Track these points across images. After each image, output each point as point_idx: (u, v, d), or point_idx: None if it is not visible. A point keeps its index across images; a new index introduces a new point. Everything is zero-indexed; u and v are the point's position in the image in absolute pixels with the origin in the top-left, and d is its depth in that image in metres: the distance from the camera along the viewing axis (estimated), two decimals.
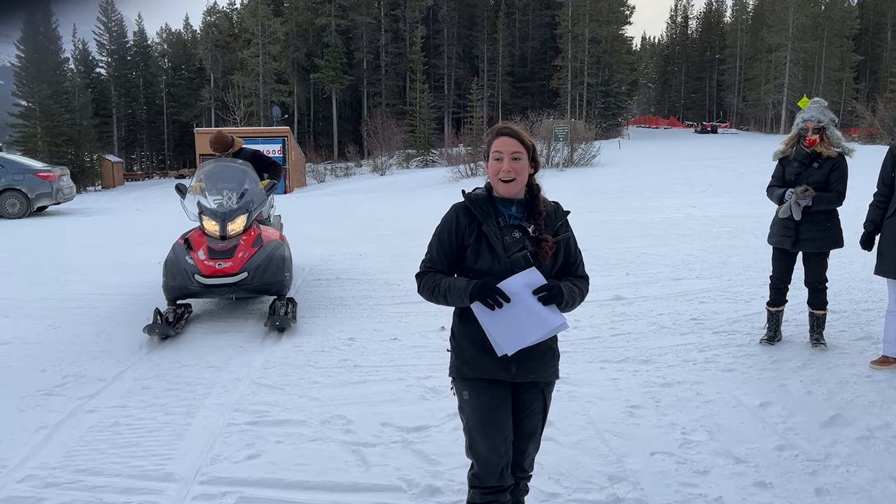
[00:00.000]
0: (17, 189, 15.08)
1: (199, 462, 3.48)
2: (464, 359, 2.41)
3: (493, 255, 2.35)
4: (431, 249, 2.44)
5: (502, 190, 2.37)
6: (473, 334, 2.36)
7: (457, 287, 2.32)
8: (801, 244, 4.83)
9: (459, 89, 52.99)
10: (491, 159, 2.38)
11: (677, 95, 72.08)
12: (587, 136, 24.57)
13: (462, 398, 2.44)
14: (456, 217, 2.40)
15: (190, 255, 5.78)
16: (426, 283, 2.40)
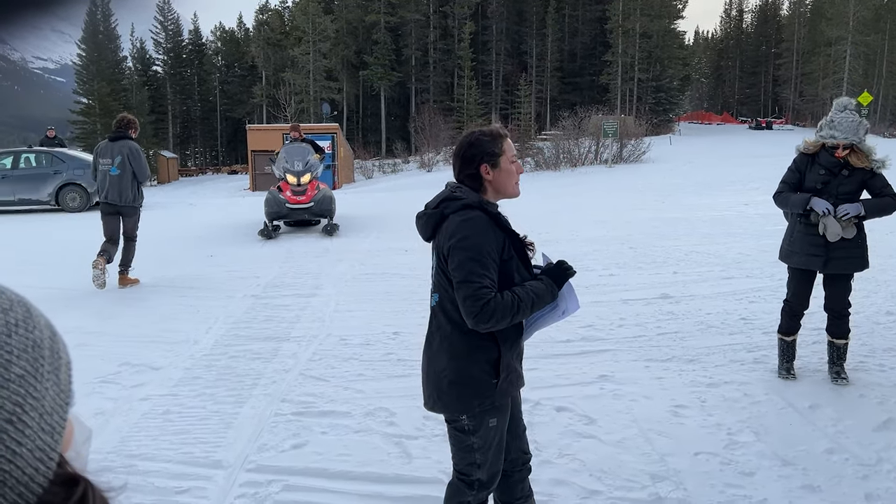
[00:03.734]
0: (77, 184, 15.61)
1: (246, 450, 3.58)
2: (511, 381, 2.30)
3: (526, 266, 2.31)
4: (486, 271, 2.14)
5: (517, 192, 2.34)
6: (515, 351, 2.33)
7: (541, 288, 2.20)
8: (833, 264, 4.13)
9: (507, 85, 52.80)
10: (508, 163, 2.29)
11: (731, 91, 70.42)
12: (637, 133, 24.23)
13: (487, 426, 2.30)
14: (491, 229, 2.21)
15: (281, 194, 10.35)
16: (502, 306, 2.12)
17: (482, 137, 2.29)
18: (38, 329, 0.53)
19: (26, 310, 0.53)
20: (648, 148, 23.05)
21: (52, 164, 15.74)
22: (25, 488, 0.48)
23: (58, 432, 0.52)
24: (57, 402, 0.52)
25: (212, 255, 9.09)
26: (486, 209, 2.23)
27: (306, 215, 10.57)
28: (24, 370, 0.49)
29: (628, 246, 8.57)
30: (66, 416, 0.54)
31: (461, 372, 2.26)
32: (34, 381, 0.50)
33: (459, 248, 2.17)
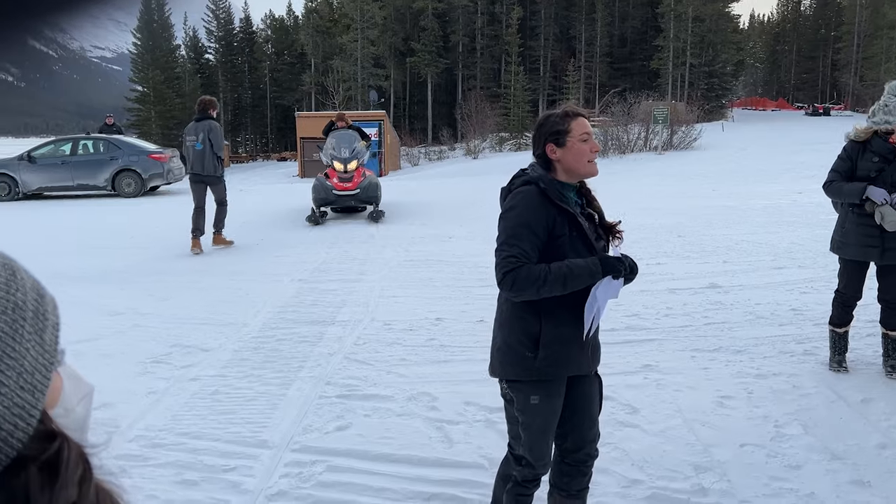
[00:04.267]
0: (132, 170, 16.05)
1: (291, 431, 3.66)
2: (550, 361, 2.29)
3: (587, 247, 2.28)
4: (520, 242, 2.20)
5: (592, 170, 2.33)
6: (564, 332, 2.29)
7: (580, 267, 2.18)
8: (889, 255, 3.98)
9: (555, 71, 52.19)
10: (576, 141, 2.28)
11: (787, 76, 68.30)
12: (688, 119, 23.71)
13: (528, 402, 2.32)
14: (541, 205, 2.25)
15: (329, 181, 10.50)
16: (527, 276, 2.15)
17: (551, 117, 2.34)
18: (22, 291, 0.55)
19: (11, 273, 0.56)
20: (700, 135, 22.55)
21: (109, 151, 16.20)
22: (3, 443, 0.50)
23: (39, 390, 0.54)
24: (39, 361, 0.55)
25: (261, 240, 9.26)
26: (539, 185, 2.27)
27: (352, 202, 10.71)
28: (0, 331, 0.52)
29: (677, 234, 8.43)
30: (50, 376, 0.56)
31: (504, 340, 2.35)
32: (12, 342, 0.52)
33: (503, 217, 2.30)
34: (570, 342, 2.30)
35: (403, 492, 3.07)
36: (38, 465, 0.52)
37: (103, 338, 5.21)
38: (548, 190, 2.26)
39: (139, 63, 46.44)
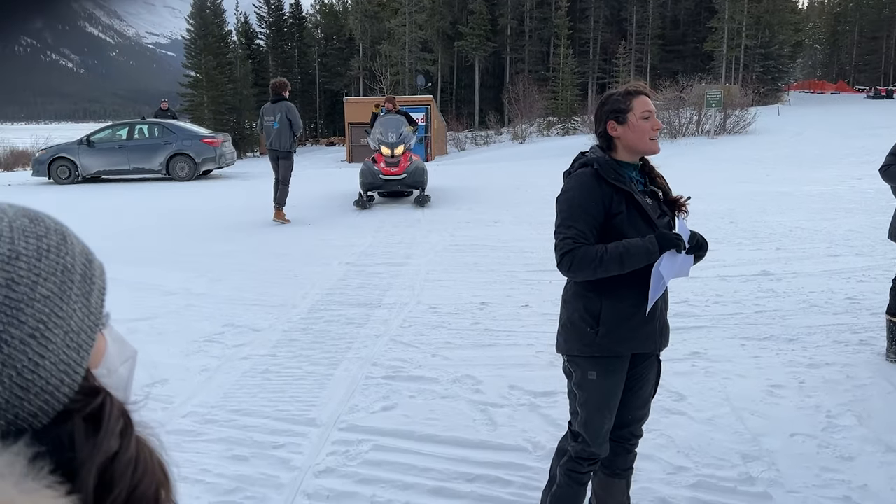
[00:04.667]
0: (185, 154, 16.43)
1: (339, 410, 3.73)
2: (611, 337, 2.29)
3: (647, 224, 2.28)
4: (577, 223, 2.22)
5: (653, 148, 2.33)
6: (626, 310, 2.30)
7: (636, 246, 2.18)
8: None
9: (605, 54, 51.33)
10: (637, 119, 2.28)
11: (848, 57, 65.83)
12: (742, 103, 23.08)
13: (585, 377, 2.35)
14: (596, 185, 2.26)
15: (376, 165, 10.52)
16: (583, 256, 2.17)
17: (613, 95, 2.36)
18: (71, 255, 0.58)
19: (61, 237, 0.59)
20: (754, 118, 21.95)
21: (164, 136, 16.60)
22: (51, 396, 0.54)
23: (84, 349, 0.57)
24: (85, 322, 0.58)
25: (309, 224, 9.40)
26: (593, 166, 2.29)
27: (399, 186, 10.76)
28: (50, 291, 0.55)
29: (728, 220, 8.25)
30: (94, 337, 0.59)
31: (568, 316, 2.39)
32: (60, 303, 0.55)
33: (558, 200, 2.34)
34: (632, 320, 2.30)
35: (448, 472, 3.10)
36: (83, 416, 0.55)
37: (158, 317, 5.38)
38: (601, 170, 2.27)
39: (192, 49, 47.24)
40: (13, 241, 0.55)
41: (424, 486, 3.01)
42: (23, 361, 0.52)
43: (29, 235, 0.56)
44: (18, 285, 0.53)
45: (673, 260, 2.22)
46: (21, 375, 0.52)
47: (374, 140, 10.91)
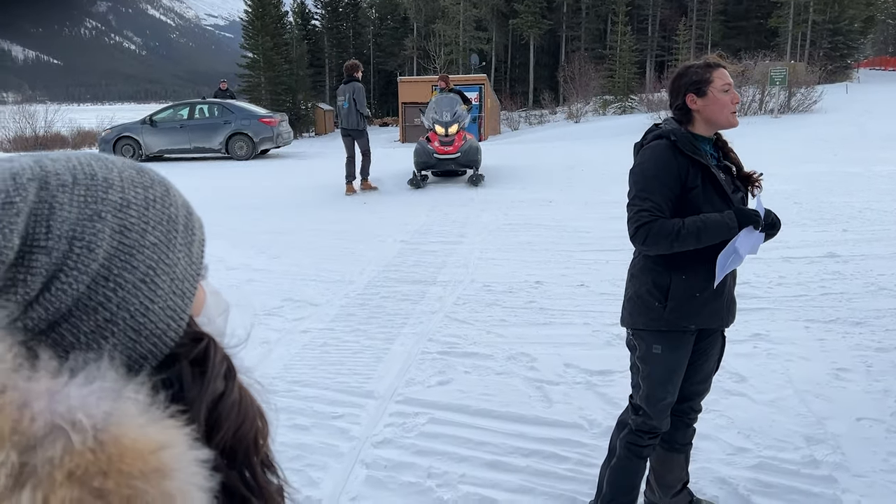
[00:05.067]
0: (244, 133, 16.73)
1: (395, 383, 3.78)
2: (679, 312, 2.27)
3: (722, 198, 2.25)
4: (652, 195, 2.19)
5: (732, 121, 2.28)
6: (695, 284, 2.27)
7: (714, 221, 2.15)
8: None
9: (665, 31, 50.02)
10: (717, 91, 2.25)
11: None
12: (808, 80, 22.22)
13: (650, 351, 2.34)
14: (672, 157, 2.22)
15: (430, 145, 10.56)
16: (660, 230, 2.15)
17: (691, 68, 2.31)
18: (175, 207, 0.61)
19: (165, 189, 0.61)
20: (820, 97, 21.13)
21: (223, 115, 16.93)
22: (159, 340, 0.56)
23: (188, 297, 0.60)
24: (188, 271, 0.60)
25: (365, 203, 9.50)
26: (670, 138, 2.24)
27: (453, 165, 10.74)
28: (157, 239, 0.57)
29: (793, 201, 8.00)
30: (196, 285, 0.61)
31: (636, 291, 2.37)
32: (166, 250, 0.58)
33: (633, 172, 2.29)
34: (701, 295, 2.28)
35: (503, 447, 3.13)
36: (189, 360, 0.58)
37: (221, 291, 5.52)
38: (679, 142, 2.23)
39: (249, 30, 47.88)
40: (124, 190, 0.57)
41: (481, 460, 3.03)
42: (135, 305, 0.54)
43: (137, 185, 0.58)
44: (131, 232, 0.55)
45: (749, 237, 2.18)
46: (133, 318, 0.54)
47: (428, 119, 10.92)
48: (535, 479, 2.89)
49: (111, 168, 0.57)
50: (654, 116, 22.18)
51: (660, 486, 2.63)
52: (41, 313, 0.50)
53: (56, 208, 0.52)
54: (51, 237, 0.51)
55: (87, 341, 0.52)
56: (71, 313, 0.52)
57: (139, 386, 0.49)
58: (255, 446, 0.62)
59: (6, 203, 0.50)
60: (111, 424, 0.45)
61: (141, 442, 0.45)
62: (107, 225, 0.54)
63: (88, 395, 0.46)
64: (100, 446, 0.43)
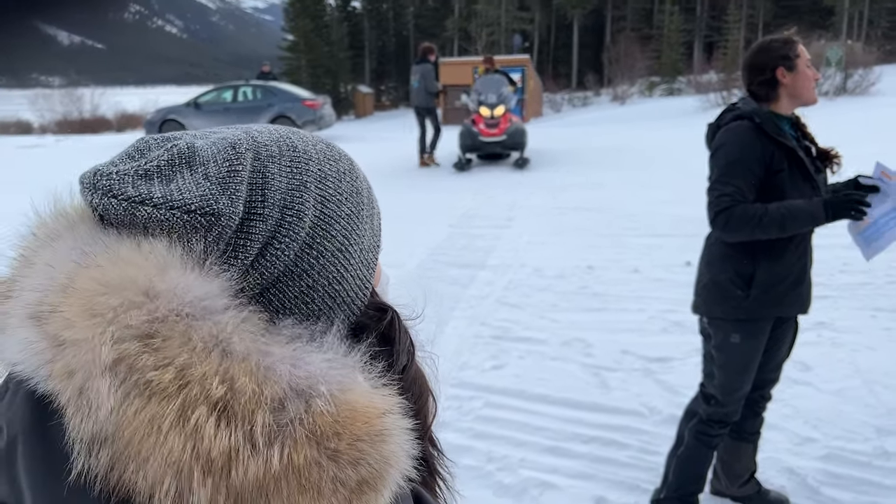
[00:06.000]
0: (287, 116, 16.83)
1: (449, 367, 3.77)
2: (763, 300, 2.21)
3: (808, 181, 2.18)
4: (734, 179, 2.11)
5: (815, 97, 2.21)
6: (780, 272, 2.21)
7: (801, 209, 2.07)
8: None
9: (714, 10, 48.76)
10: (802, 67, 2.17)
11: None
12: (866, 61, 21.46)
13: (728, 340, 2.27)
14: (757, 140, 2.14)
15: (475, 127, 10.44)
16: (741, 216, 2.07)
17: (773, 43, 2.23)
18: (360, 180, 0.63)
19: (350, 162, 0.63)
20: (878, 79, 20.42)
21: (266, 98, 17.07)
22: (349, 308, 0.59)
23: (372, 267, 0.62)
24: (372, 242, 0.62)
25: (411, 186, 9.49)
26: (754, 119, 2.15)
27: (498, 148, 10.65)
28: (350, 210, 0.59)
29: None
30: (377, 257, 0.64)
31: (713, 278, 2.29)
32: (358, 222, 0.60)
33: (715, 156, 2.21)
34: (785, 282, 2.22)
35: (562, 432, 3.10)
36: (378, 331, 0.60)
37: None
38: (764, 124, 2.14)
39: (290, 12, 48.11)
40: (321, 163, 0.59)
41: (539, 445, 3.01)
42: (332, 273, 0.57)
43: (330, 159, 0.60)
44: (329, 202, 0.58)
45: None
46: (331, 285, 0.57)
47: (473, 101, 10.80)
48: (596, 465, 2.86)
49: (307, 141, 0.60)
50: (702, 99, 21.72)
51: (727, 475, 2.58)
52: (257, 278, 0.53)
53: (269, 178, 0.55)
54: (266, 205, 0.53)
55: (291, 306, 0.55)
56: (279, 279, 0.54)
57: (362, 355, 0.52)
58: (427, 422, 0.65)
59: (231, 171, 0.52)
60: (345, 390, 0.48)
61: (369, 407, 0.48)
62: (310, 195, 0.56)
63: (323, 361, 0.49)
64: (336, 409, 0.46)
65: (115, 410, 0.43)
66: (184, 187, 0.50)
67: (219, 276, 0.50)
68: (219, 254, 0.51)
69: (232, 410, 0.44)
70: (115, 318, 0.45)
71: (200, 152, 0.53)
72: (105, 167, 0.52)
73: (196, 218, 0.49)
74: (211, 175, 0.51)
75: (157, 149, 0.53)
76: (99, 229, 0.51)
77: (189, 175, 0.51)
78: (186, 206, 0.49)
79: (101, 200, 0.50)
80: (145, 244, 0.49)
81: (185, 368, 0.44)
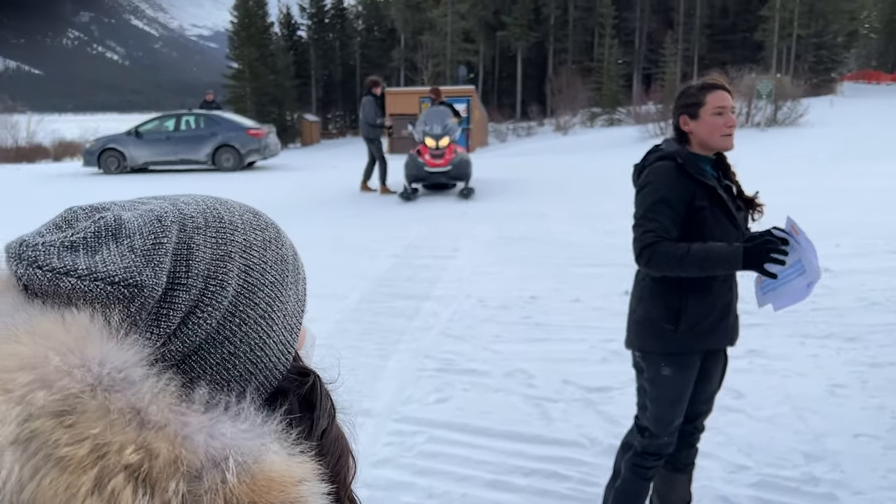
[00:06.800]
0: (231, 145, 16.64)
1: (393, 402, 3.76)
2: (691, 334, 2.28)
3: (729, 219, 2.27)
4: (659, 216, 2.19)
5: (726, 144, 2.30)
6: (706, 307, 2.29)
7: (719, 254, 2.12)
8: None
9: (651, 44, 50.46)
10: (710, 115, 2.26)
11: None
12: (794, 94, 22.48)
13: (659, 373, 2.34)
14: (679, 179, 2.24)
15: (420, 158, 10.57)
16: (664, 253, 2.15)
17: (688, 89, 2.35)
18: (286, 247, 0.65)
19: (277, 231, 0.66)
20: (806, 110, 21.38)
21: (209, 127, 16.83)
22: (270, 373, 0.60)
23: (295, 332, 0.63)
24: (296, 307, 0.64)
25: (354, 215, 9.47)
26: (676, 160, 2.25)
27: (444, 179, 10.75)
28: (274, 278, 0.61)
29: (784, 215, 8.06)
30: (302, 321, 0.65)
31: (644, 313, 2.36)
32: (281, 288, 0.61)
33: (640, 194, 2.31)
34: (712, 315, 2.30)
35: (504, 465, 3.11)
36: (299, 396, 0.61)
37: None
38: (685, 164, 2.25)
39: (235, 40, 47.82)
40: (246, 232, 0.61)
41: (481, 479, 3.02)
42: (255, 339, 0.58)
43: (255, 228, 0.63)
44: (253, 271, 0.59)
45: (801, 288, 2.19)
46: (252, 352, 0.58)
47: (418, 132, 10.91)
48: (536, 498, 2.87)
49: (233, 211, 0.63)
50: (641, 129, 22.35)
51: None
52: (178, 346, 0.54)
53: (193, 249, 0.56)
54: (190, 275, 0.55)
55: (211, 373, 0.56)
56: (201, 346, 0.56)
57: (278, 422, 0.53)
58: (346, 484, 0.64)
59: (156, 244, 0.54)
60: (259, 460, 0.48)
61: (285, 475, 0.49)
62: (235, 265, 0.58)
63: (241, 430, 0.50)
64: (252, 479, 0.47)
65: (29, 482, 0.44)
66: (108, 259, 0.52)
67: (139, 345, 0.51)
68: (140, 323, 0.52)
69: (150, 479, 0.45)
70: (25, 395, 0.46)
71: (127, 225, 0.54)
72: (31, 237, 0.53)
73: (119, 289, 0.51)
74: (136, 247, 0.53)
75: (84, 220, 0.55)
76: (23, 299, 0.51)
77: (115, 247, 0.53)
78: (110, 277, 0.51)
79: (27, 271, 0.51)
80: (68, 315, 0.50)
81: (101, 441, 0.45)
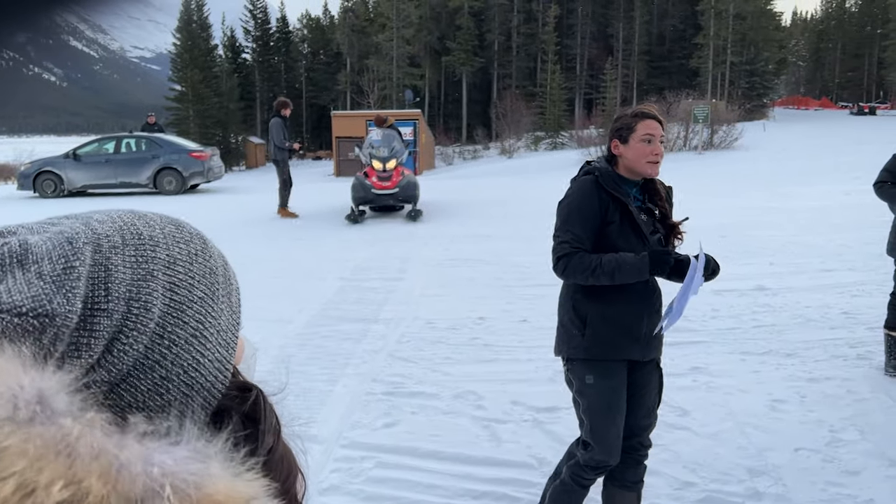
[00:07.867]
0: (173, 168, 16.30)
1: (340, 427, 3.69)
2: (597, 340, 2.37)
3: (637, 237, 2.36)
4: (573, 228, 2.33)
5: (650, 171, 2.41)
6: (612, 315, 2.37)
7: (629, 263, 2.26)
8: None
9: (592, 69, 51.73)
10: (637, 141, 2.38)
11: (831, 74, 66.73)
12: (729, 118, 23.32)
13: (584, 382, 2.41)
14: (594, 193, 2.36)
15: (368, 180, 10.53)
16: (578, 263, 2.28)
17: (622, 115, 2.47)
18: (213, 258, 0.61)
19: (203, 241, 0.62)
20: (741, 134, 22.18)
21: (151, 149, 16.48)
22: (209, 393, 0.56)
23: (231, 347, 0.60)
24: (230, 321, 0.61)
25: (300, 238, 9.36)
26: (605, 176, 2.38)
27: (391, 201, 10.72)
28: (203, 293, 0.57)
29: (719, 235, 8.29)
30: (238, 334, 0.62)
31: (560, 318, 2.50)
32: (212, 303, 0.58)
33: (560, 205, 2.46)
34: (618, 325, 2.38)
35: (453, 489, 3.08)
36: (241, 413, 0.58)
37: None
38: (601, 178, 2.38)
39: (178, 63, 47.15)
40: (168, 247, 0.57)
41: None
42: (188, 360, 0.55)
43: (179, 241, 0.59)
44: (180, 288, 0.56)
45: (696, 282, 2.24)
46: (186, 373, 0.55)
47: (365, 154, 10.89)
48: None
49: (153, 226, 0.58)
50: (583, 152, 22.78)
51: None
52: (104, 375, 0.51)
53: (112, 270, 0.52)
54: (110, 299, 0.51)
55: (144, 399, 0.53)
56: (129, 373, 0.52)
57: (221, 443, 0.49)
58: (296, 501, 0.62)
59: (67, 268, 0.50)
60: (202, 485, 0.45)
61: (232, 495, 0.46)
62: (158, 283, 0.54)
63: (179, 456, 0.46)
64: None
65: None
66: (14, 289, 0.48)
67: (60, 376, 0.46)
68: (59, 354, 0.48)
69: None
70: None
71: (34, 249, 0.50)
72: None
73: (27, 320, 0.47)
74: (45, 273, 0.49)
75: None
76: None
77: (21, 275, 0.49)
78: (16, 308, 0.47)
79: None
80: None
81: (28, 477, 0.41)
